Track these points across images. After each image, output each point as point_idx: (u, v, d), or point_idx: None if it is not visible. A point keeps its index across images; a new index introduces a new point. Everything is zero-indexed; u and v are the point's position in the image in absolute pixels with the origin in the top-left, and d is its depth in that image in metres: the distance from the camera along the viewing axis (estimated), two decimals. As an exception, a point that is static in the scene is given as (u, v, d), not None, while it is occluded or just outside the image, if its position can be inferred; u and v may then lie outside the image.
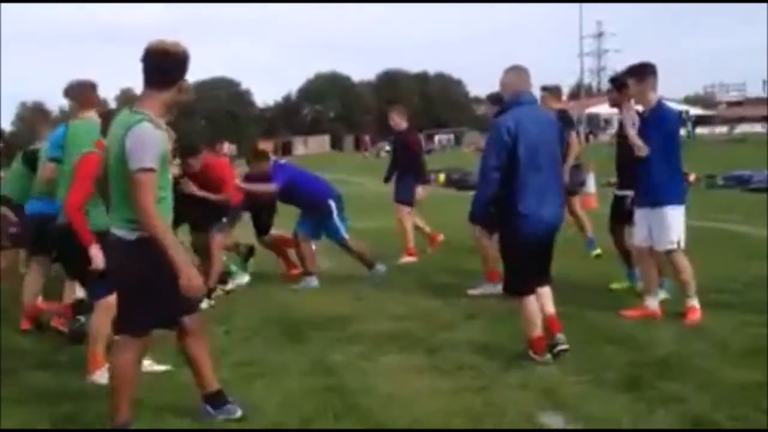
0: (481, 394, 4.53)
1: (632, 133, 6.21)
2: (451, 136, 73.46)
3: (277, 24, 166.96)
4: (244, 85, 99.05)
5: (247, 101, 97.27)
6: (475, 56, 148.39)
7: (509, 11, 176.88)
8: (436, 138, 72.32)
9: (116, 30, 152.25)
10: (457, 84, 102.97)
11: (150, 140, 3.73)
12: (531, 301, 5.13)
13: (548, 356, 5.06)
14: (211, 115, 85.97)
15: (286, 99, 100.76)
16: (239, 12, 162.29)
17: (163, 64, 3.83)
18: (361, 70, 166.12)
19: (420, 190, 9.73)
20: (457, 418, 4.17)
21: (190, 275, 3.74)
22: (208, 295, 6.95)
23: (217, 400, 4.24)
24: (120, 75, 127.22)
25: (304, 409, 4.36)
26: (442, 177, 22.09)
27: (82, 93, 5.54)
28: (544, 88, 8.53)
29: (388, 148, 67.05)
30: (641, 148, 6.09)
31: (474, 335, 5.80)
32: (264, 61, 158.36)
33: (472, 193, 5.90)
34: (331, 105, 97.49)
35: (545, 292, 5.28)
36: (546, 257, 5.30)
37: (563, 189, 5.54)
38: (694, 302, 6.06)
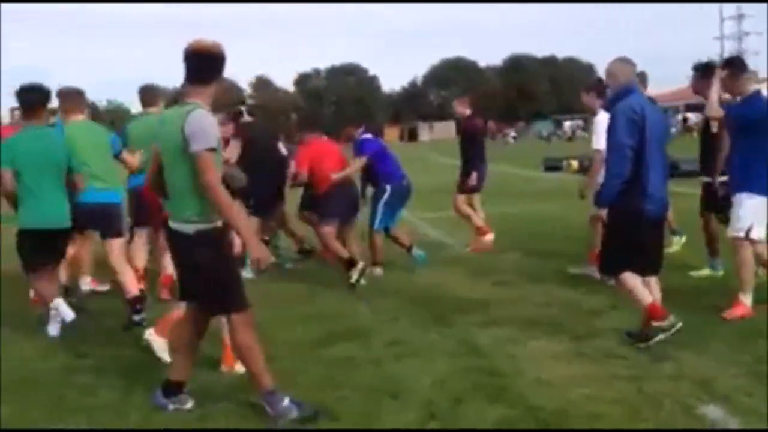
0: (634, 383, 4.50)
1: (714, 97, 6.36)
2: (580, 122, 71.63)
3: (402, 10, 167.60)
4: (372, 72, 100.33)
5: (375, 87, 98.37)
6: (605, 40, 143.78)
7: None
8: (566, 124, 70.68)
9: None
10: (588, 69, 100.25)
11: (209, 123, 4.00)
12: (629, 275, 5.24)
13: (673, 318, 5.13)
14: (340, 101, 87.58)
15: (412, 85, 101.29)
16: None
17: (206, 62, 4.13)
18: (488, 55, 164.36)
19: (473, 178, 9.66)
20: (612, 406, 4.16)
21: (257, 246, 4.03)
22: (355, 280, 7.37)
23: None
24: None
25: (454, 389, 4.48)
26: (575, 164, 21.52)
27: (71, 99, 6.57)
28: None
29: (514, 134, 66.64)
30: (714, 109, 6.38)
31: (620, 324, 5.73)
32: (390, 47, 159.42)
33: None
34: (457, 91, 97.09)
35: (653, 280, 5.39)
36: (660, 240, 5.55)
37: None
38: (744, 298, 5.89)
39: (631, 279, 5.26)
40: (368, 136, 8.52)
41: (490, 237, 9.50)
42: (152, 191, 4.48)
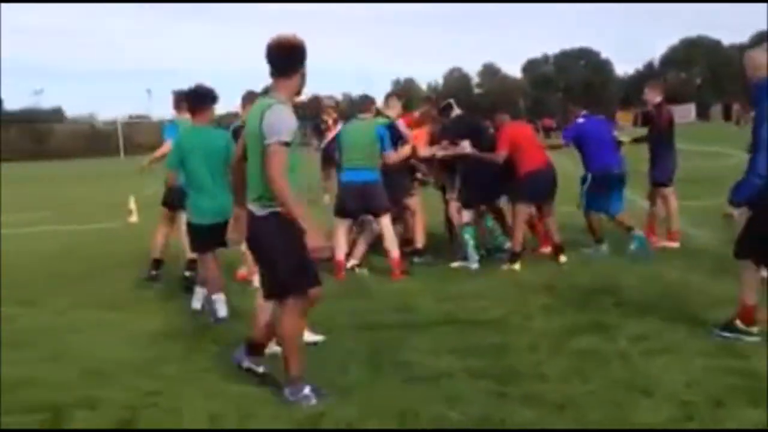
0: None
1: None
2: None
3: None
4: (604, 55, 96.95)
5: (606, 71, 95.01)
6: None
7: None
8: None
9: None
10: None
11: (285, 117, 4.23)
12: (753, 267, 5.18)
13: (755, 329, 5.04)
14: (569, 87, 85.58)
15: (648, 67, 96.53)
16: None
17: (288, 55, 4.35)
18: (732, 33, 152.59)
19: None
20: None
21: (309, 234, 4.20)
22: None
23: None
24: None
25: (712, 390, 4.25)
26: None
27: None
28: None
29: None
30: None
31: None
32: (624, 30, 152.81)
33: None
34: (698, 71, 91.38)
35: None
36: None
37: None
38: None
39: (752, 272, 5.21)
40: (581, 120, 8.56)
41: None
42: (232, 173, 4.80)
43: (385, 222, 7.94)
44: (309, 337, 5.37)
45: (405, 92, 11.17)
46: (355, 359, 5.13)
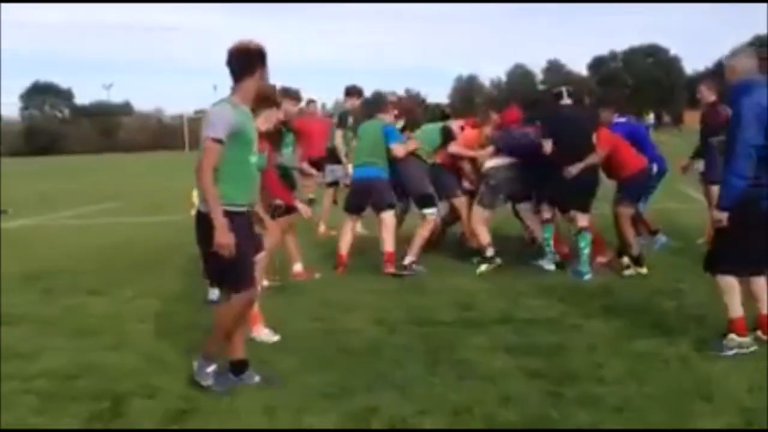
0: None
1: None
2: None
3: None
4: (673, 52, 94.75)
5: (676, 68, 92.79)
6: None
7: None
8: None
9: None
10: None
11: (223, 115, 4.40)
12: (732, 281, 5.02)
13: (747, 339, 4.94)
14: (635, 84, 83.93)
15: (718, 65, 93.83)
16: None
17: (240, 60, 4.51)
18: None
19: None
20: None
21: (219, 235, 4.33)
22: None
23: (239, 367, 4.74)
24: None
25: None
26: None
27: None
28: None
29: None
30: None
31: None
32: (696, 26, 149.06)
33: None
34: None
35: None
36: None
37: None
38: None
39: (731, 282, 5.05)
40: (621, 120, 8.46)
41: None
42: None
43: (384, 217, 8.02)
44: (267, 336, 5.61)
45: (405, 102, 10.76)
46: (411, 356, 5.15)
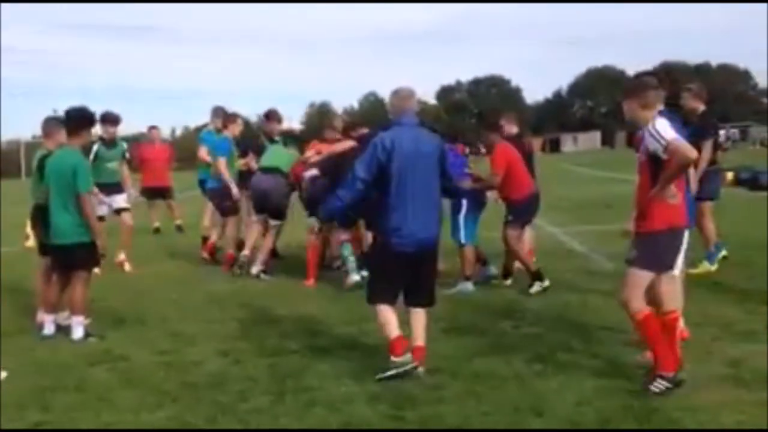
0: (793, 410, 4.26)
1: None
2: (736, 131, 68.04)
3: (544, 21, 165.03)
4: (514, 83, 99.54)
5: (517, 98, 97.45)
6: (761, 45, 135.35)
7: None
8: (722, 132, 67.23)
9: (395, 31, 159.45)
10: (743, 75, 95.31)
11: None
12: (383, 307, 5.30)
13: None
14: (481, 113, 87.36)
15: (556, 95, 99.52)
16: (507, 11, 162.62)
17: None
18: (636, 63, 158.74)
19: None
20: (770, 434, 3.97)
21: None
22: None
23: None
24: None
25: (601, 410, 4.39)
26: (730, 175, 20.37)
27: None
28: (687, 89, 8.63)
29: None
30: None
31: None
32: (533, 58, 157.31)
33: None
34: (604, 100, 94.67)
35: None
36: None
37: None
38: None
39: (384, 312, 5.30)
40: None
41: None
42: None
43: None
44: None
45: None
46: (257, 386, 5.11)
